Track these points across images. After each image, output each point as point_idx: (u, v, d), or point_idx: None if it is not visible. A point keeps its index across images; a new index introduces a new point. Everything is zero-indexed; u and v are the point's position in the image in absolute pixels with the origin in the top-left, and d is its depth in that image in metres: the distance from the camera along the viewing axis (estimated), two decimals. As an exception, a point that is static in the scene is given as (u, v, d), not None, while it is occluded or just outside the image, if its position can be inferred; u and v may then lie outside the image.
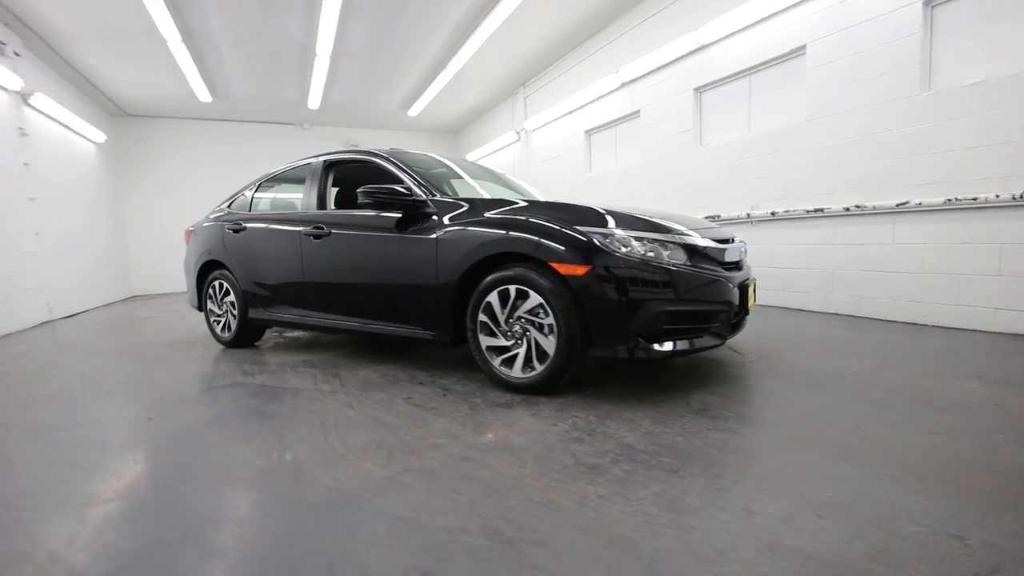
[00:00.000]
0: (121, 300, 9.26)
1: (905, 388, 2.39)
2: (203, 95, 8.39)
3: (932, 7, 3.47)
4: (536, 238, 2.37)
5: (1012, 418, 1.99)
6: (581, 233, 2.30)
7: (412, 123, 11.23)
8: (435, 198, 2.83)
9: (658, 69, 5.78)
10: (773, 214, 4.61)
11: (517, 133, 9.25)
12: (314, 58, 7.05)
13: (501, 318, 2.49)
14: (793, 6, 4.30)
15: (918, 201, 3.56)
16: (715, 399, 2.31)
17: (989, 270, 3.27)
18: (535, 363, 2.41)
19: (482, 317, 2.55)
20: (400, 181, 3.01)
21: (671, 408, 2.22)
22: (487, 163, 10.11)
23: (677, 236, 2.38)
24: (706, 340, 2.36)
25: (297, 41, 6.69)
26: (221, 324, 4.03)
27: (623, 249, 2.25)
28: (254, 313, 3.78)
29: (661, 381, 2.63)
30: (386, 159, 3.19)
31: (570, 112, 7.59)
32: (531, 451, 1.84)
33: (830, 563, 1.14)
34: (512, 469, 1.70)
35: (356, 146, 11.15)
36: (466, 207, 2.70)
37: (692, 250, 2.38)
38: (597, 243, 2.26)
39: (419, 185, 2.92)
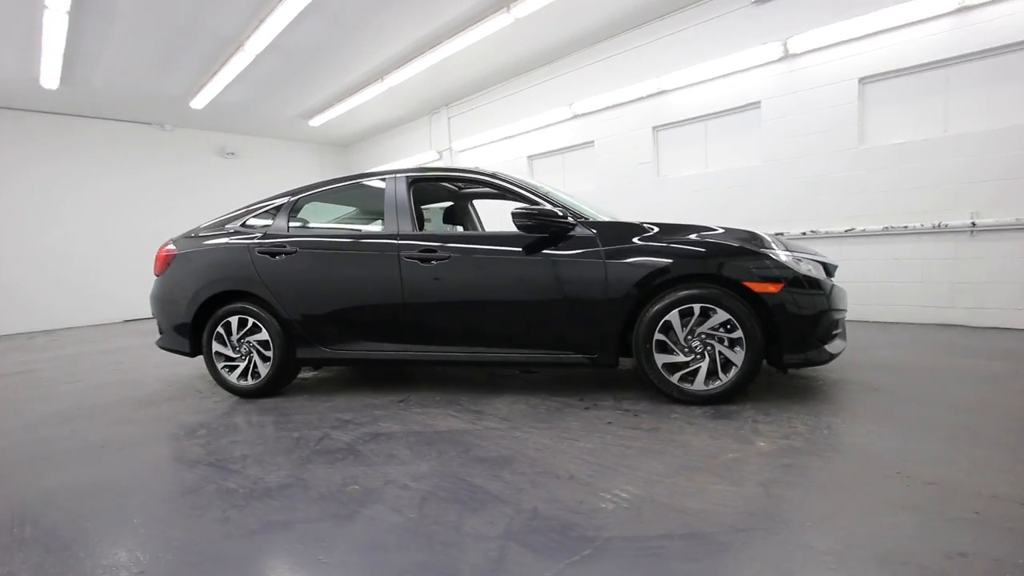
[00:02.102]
0: None
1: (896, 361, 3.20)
2: (49, 81, 6.46)
3: (864, 84, 4.68)
4: (727, 260, 2.59)
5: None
6: (766, 255, 2.60)
7: (300, 133, 10.23)
8: (585, 220, 2.84)
9: (617, 106, 6.42)
10: (733, 237, 5.52)
11: (439, 152, 9.13)
12: (236, 51, 6.05)
13: (680, 335, 2.63)
14: (749, 69, 5.29)
15: (861, 228, 4.71)
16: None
17: (914, 278, 4.50)
18: (720, 375, 2.61)
19: (659, 336, 2.65)
20: (532, 202, 2.93)
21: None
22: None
23: (818, 255, 2.83)
24: (841, 341, 2.85)
25: (222, 31, 5.70)
26: (239, 370, 3.25)
27: (801, 268, 2.61)
28: (305, 352, 3.17)
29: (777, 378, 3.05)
30: (506, 180, 3.05)
31: (509, 137, 7.84)
32: (811, 446, 2.05)
33: None
34: (846, 464, 1.88)
35: (233, 154, 9.73)
36: (631, 229, 2.78)
37: (825, 266, 2.86)
38: (785, 263, 2.58)
39: (557, 206, 2.89)
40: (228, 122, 9.14)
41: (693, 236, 2.69)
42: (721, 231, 2.73)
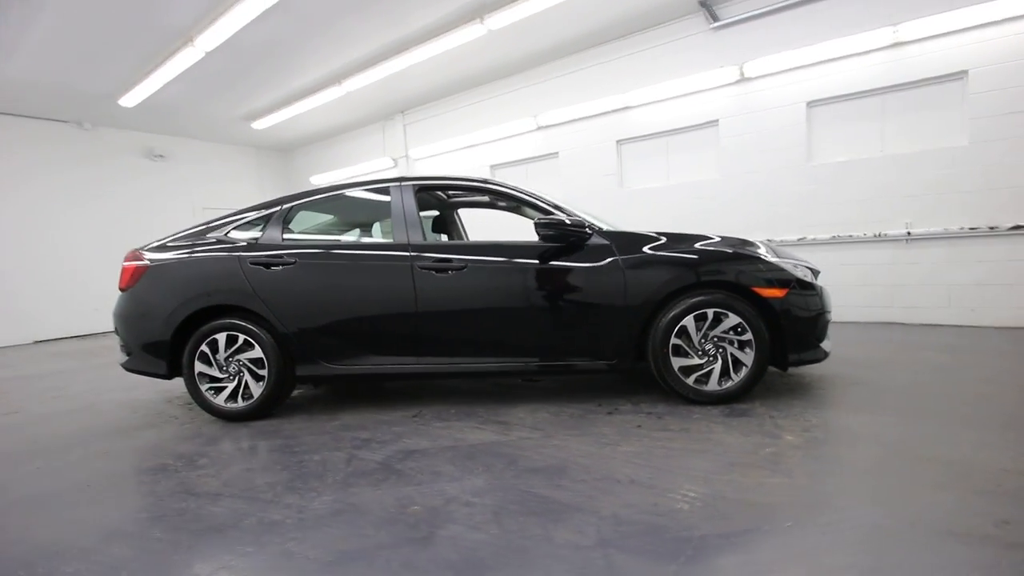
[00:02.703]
0: None
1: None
2: (-52, 67, 5.62)
3: (811, 107, 5.16)
4: (739, 267, 2.76)
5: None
6: (772, 262, 2.79)
7: (239, 136, 9.62)
8: (599, 230, 2.92)
9: (582, 119, 6.61)
10: (695, 245, 5.86)
11: (394, 160, 8.93)
12: (184, 47, 5.59)
13: (695, 339, 2.77)
14: (708, 89, 5.66)
15: (812, 237, 5.17)
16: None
17: (859, 282, 5.00)
18: (731, 376, 2.77)
19: (675, 340, 2.77)
20: (546, 211, 2.98)
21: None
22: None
23: (809, 262, 3.08)
24: (829, 340, 3.12)
25: (171, 25, 5.26)
26: (227, 391, 2.99)
27: (798, 273, 2.84)
28: (307, 369, 2.98)
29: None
30: (516, 189, 3.07)
31: (471, 146, 7.83)
32: (831, 437, 2.22)
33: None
34: (868, 451, 2.06)
35: (161, 157, 8.98)
36: (643, 238, 2.89)
37: (811, 270, 3.12)
38: (787, 269, 2.79)
39: (571, 216, 2.94)
40: (160, 122, 8.39)
41: (699, 245, 2.85)
42: (718, 239, 2.91)
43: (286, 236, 3.14)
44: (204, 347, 2.98)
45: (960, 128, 4.47)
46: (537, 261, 2.88)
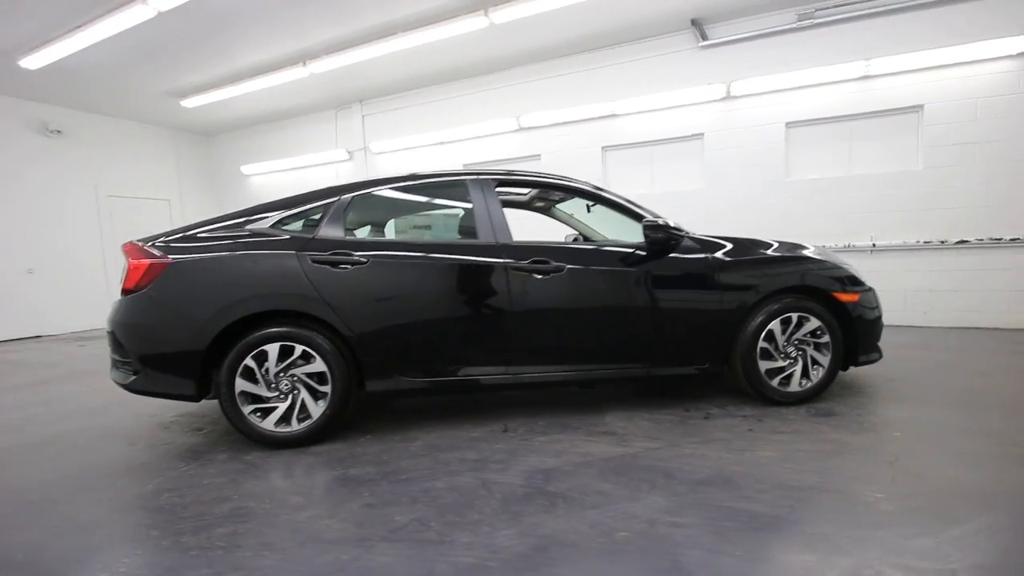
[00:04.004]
0: None
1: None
2: None
3: (789, 127, 5.63)
4: (820, 272, 2.90)
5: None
6: (842, 268, 2.97)
7: (158, 115, 8.38)
8: (690, 233, 2.91)
9: (567, 123, 6.62)
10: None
11: (349, 152, 8.28)
12: (130, 4, 4.67)
13: (780, 342, 2.86)
14: (695, 104, 5.95)
15: (789, 246, 5.65)
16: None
17: (829, 288, 5.55)
18: (809, 377, 2.90)
19: (763, 344, 2.84)
20: (637, 215, 2.92)
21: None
22: (290, 179, 8.64)
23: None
24: None
25: (120, -26, 4.37)
26: (278, 413, 2.53)
27: (862, 278, 3.05)
28: (380, 384, 2.61)
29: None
30: (603, 190, 2.96)
31: (443, 143, 7.50)
32: (923, 428, 2.40)
33: None
34: (961, 440, 2.24)
35: (59, 132, 7.55)
36: (731, 245, 2.93)
37: None
38: (854, 274, 2.99)
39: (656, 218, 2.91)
40: (61, 91, 6.96)
41: (769, 252, 2.97)
42: (776, 244, 3.06)
43: (349, 231, 2.73)
44: (249, 360, 2.49)
45: (915, 154, 5.15)
46: (635, 264, 2.80)
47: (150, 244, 2.61)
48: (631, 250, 2.84)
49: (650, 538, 1.65)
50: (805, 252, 3.04)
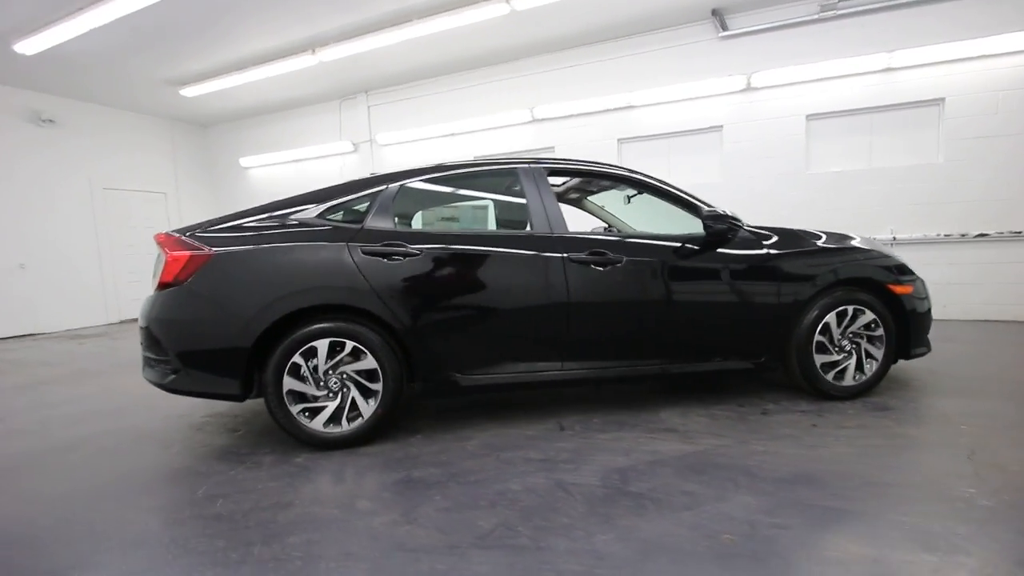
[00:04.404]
0: None
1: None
2: None
3: (810, 120, 5.60)
4: (875, 264, 2.85)
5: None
6: (893, 258, 2.93)
7: (155, 104, 8.11)
8: (747, 226, 2.85)
9: (582, 115, 6.51)
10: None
11: (355, 144, 8.09)
12: (135, -14, 4.46)
13: (836, 335, 2.81)
14: (714, 96, 5.89)
15: (809, 239, 5.64)
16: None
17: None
18: (863, 371, 2.86)
19: (819, 337, 2.79)
20: (693, 205, 2.86)
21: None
22: (291, 172, 8.45)
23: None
24: None
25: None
26: (328, 412, 2.41)
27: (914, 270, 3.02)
28: (430, 382, 2.51)
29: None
30: (658, 179, 2.88)
31: (453, 135, 7.35)
32: (982, 421, 2.40)
33: None
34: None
35: (51, 122, 7.26)
36: (782, 237, 2.87)
37: None
38: (904, 264, 2.94)
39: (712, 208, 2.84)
40: (56, 79, 6.65)
41: (820, 243, 2.92)
42: (824, 235, 3.01)
43: (398, 222, 2.61)
44: (298, 357, 2.36)
45: (936, 148, 5.15)
46: (693, 256, 2.73)
47: (188, 235, 2.47)
48: (687, 242, 2.76)
49: (757, 541, 1.58)
50: (854, 243, 2.99)
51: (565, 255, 2.57)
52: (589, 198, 3.90)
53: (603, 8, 5.53)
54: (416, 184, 2.72)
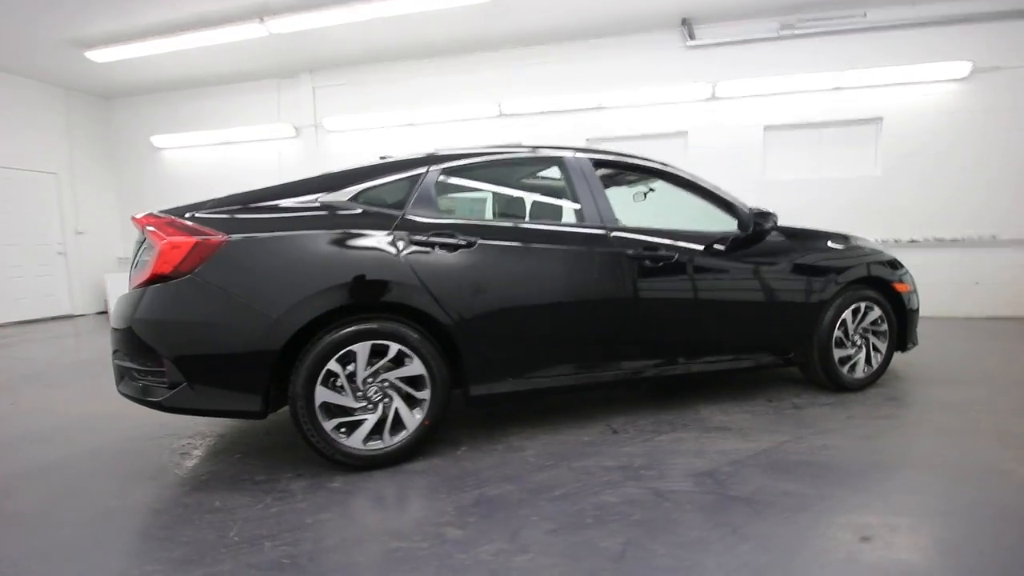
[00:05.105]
0: None
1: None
2: None
3: (767, 131, 5.97)
4: (883, 264, 3.03)
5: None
6: (890, 255, 3.14)
7: (42, 69, 6.88)
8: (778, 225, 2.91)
9: (551, 113, 6.43)
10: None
11: (296, 128, 7.39)
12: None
13: (851, 330, 2.96)
14: (681, 102, 6.09)
15: (765, 242, 6.00)
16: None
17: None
18: (871, 364, 3.04)
19: (838, 333, 2.92)
20: (727, 203, 2.89)
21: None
22: (217, 156, 7.61)
23: None
24: None
25: None
26: (367, 426, 2.08)
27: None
28: (485, 387, 2.26)
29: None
30: (690, 175, 2.85)
31: (413, 124, 6.94)
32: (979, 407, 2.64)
33: None
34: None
35: None
36: (807, 236, 2.97)
37: None
38: (899, 261, 3.17)
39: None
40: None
41: (830, 243, 3.07)
42: (829, 233, 3.20)
43: (442, 209, 2.32)
44: (334, 364, 2.01)
45: (875, 162, 5.72)
46: (736, 252, 2.74)
47: (188, 216, 2.01)
48: (720, 237, 2.77)
49: (902, 534, 1.55)
50: (858, 242, 3.17)
51: (624, 251, 2.45)
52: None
53: (575, 8, 5.50)
54: (458, 168, 2.45)
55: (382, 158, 2.82)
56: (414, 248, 2.15)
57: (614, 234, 2.48)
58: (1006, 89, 5.25)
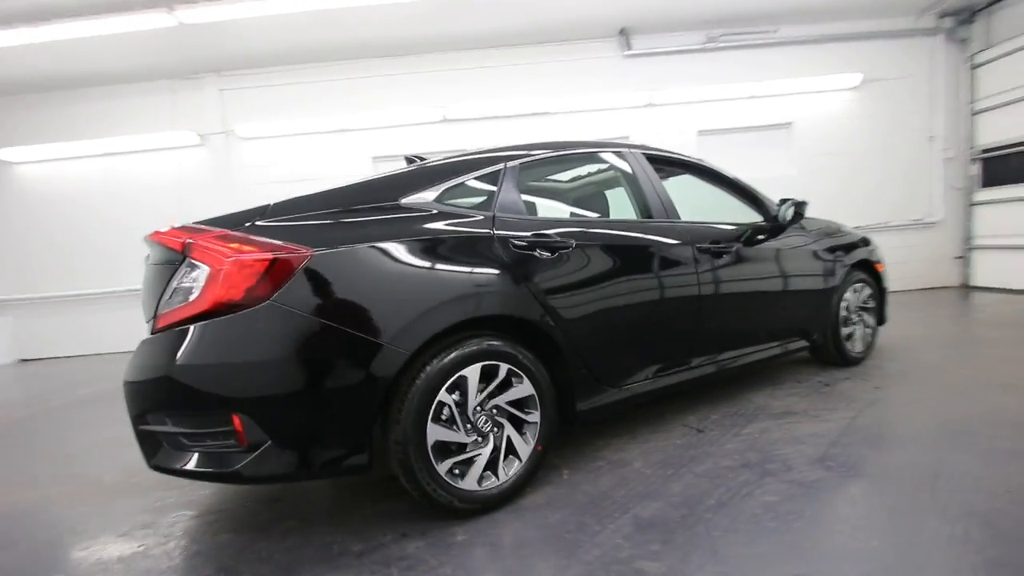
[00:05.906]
0: None
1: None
2: None
3: (701, 135, 6.43)
4: (871, 247, 3.37)
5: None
6: (869, 239, 3.51)
7: None
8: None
9: (496, 118, 6.31)
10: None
11: (201, 136, 6.41)
12: None
13: (853, 309, 3.26)
14: (622, 108, 6.34)
15: (706, 238, 6.46)
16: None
17: (736, 273, 6.52)
18: (868, 339, 3.37)
19: (843, 312, 3.19)
20: (755, 196, 3.01)
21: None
22: (94, 169, 6.44)
23: None
24: None
25: None
26: (481, 463, 1.79)
27: None
28: (590, 401, 2.08)
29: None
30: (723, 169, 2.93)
31: (344, 130, 6.37)
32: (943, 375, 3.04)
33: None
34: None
35: None
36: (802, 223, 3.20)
37: None
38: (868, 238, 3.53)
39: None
40: None
41: (832, 228, 3.38)
42: (821, 220, 3.52)
43: (527, 207, 2.09)
44: (444, 394, 1.70)
45: (789, 162, 6.45)
46: (779, 244, 2.88)
47: (247, 227, 1.58)
48: (754, 229, 2.86)
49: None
50: (844, 227, 3.50)
51: (694, 244, 2.43)
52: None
53: (518, 8, 5.49)
54: (531, 163, 2.24)
55: (409, 160, 2.52)
56: (518, 253, 1.91)
57: (690, 228, 2.46)
58: (884, 98, 6.26)
